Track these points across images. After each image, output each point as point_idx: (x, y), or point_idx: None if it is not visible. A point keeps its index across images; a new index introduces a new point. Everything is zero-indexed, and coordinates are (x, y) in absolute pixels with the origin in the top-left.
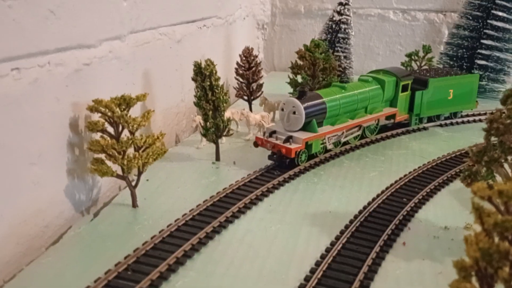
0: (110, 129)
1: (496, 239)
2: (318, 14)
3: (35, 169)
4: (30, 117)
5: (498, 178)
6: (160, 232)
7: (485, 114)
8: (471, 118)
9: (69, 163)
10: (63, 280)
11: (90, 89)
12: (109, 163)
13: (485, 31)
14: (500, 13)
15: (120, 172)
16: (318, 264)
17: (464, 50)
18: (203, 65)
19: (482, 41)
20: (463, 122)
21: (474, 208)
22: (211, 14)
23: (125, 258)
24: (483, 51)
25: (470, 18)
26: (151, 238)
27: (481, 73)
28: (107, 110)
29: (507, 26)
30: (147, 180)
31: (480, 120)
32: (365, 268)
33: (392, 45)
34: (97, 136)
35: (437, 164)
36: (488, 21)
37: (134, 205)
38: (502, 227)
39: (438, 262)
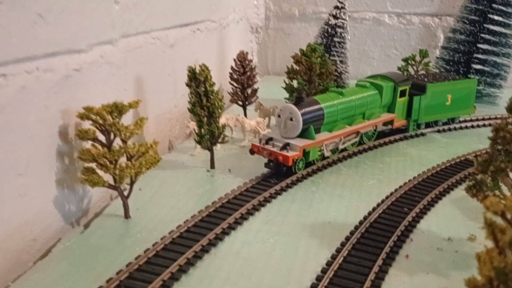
0: (102, 137)
1: (510, 257)
2: (312, 18)
3: (22, 179)
4: (17, 125)
5: (503, 188)
6: (153, 245)
7: (482, 119)
8: (469, 124)
9: (59, 173)
10: None
11: (81, 95)
12: (100, 172)
13: (481, 35)
14: (497, 17)
15: (111, 181)
16: (319, 279)
17: (460, 54)
18: (197, 70)
19: (479, 45)
20: (461, 128)
21: (486, 224)
22: (204, 17)
23: (117, 273)
24: (480, 56)
25: (467, 22)
26: (145, 251)
27: (478, 77)
28: (98, 118)
29: (503, 30)
30: (140, 189)
31: (478, 126)
32: (368, 283)
33: (387, 49)
34: (88, 144)
35: (437, 172)
36: (485, 25)
37: (127, 216)
38: None
39: (443, 276)
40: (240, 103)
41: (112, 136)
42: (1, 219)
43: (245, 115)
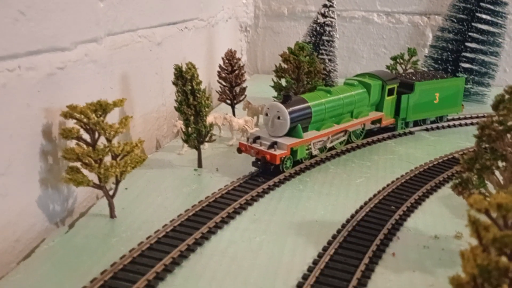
0: (86, 136)
1: (493, 254)
2: (301, 16)
3: (3, 180)
4: None
5: (489, 186)
6: (139, 244)
7: (470, 117)
8: (457, 122)
9: (42, 173)
10: None
11: (64, 94)
12: (85, 171)
13: (469, 34)
14: (485, 16)
15: (96, 181)
16: (305, 277)
17: (448, 53)
18: (184, 69)
19: (467, 44)
20: (449, 126)
21: (470, 221)
22: (192, 16)
23: (102, 273)
24: (468, 54)
25: (455, 20)
26: (129, 251)
27: (466, 76)
28: (82, 116)
29: (491, 29)
30: (126, 188)
31: (466, 124)
32: (354, 282)
33: (376, 48)
34: (72, 143)
35: (424, 170)
36: (473, 24)
37: (112, 215)
38: (501, 242)
39: (429, 274)
40: (229, 101)
41: (96, 135)
42: None
43: (234, 113)
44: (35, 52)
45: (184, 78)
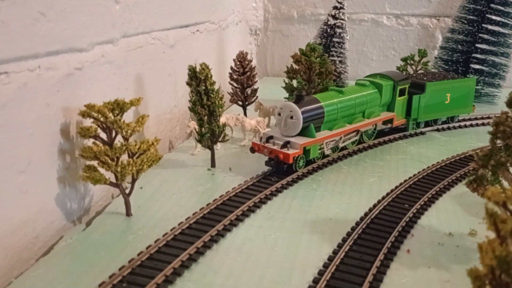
0: (103, 135)
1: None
2: (311, 20)
3: (24, 177)
4: (19, 123)
5: (504, 182)
6: (155, 241)
7: (481, 118)
8: (468, 123)
9: (60, 171)
10: None
11: (82, 94)
12: (101, 170)
13: (480, 35)
14: (495, 17)
15: (113, 179)
16: (321, 273)
17: (459, 54)
18: (198, 69)
19: (477, 45)
20: (460, 127)
21: (487, 214)
22: (204, 19)
23: (120, 269)
24: (478, 56)
25: (465, 22)
26: (147, 248)
27: (476, 77)
28: (99, 115)
29: (502, 30)
30: (141, 187)
31: (477, 125)
32: (370, 277)
33: (385, 50)
34: (89, 142)
35: (437, 169)
36: (483, 25)
37: (128, 213)
38: None
39: (444, 270)
40: (240, 103)
41: (113, 133)
42: (3, 216)
43: (245, 115)
44: (54, 53)
45: (198, 78)
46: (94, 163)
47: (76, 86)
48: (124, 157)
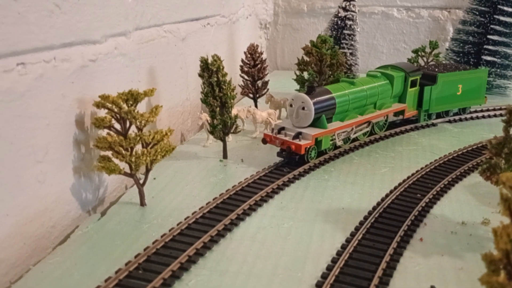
0: (117, 126)
1: None
2: (321, 13)
3: (41, 167)
4: (36, 113)
5: None
6: (170, 230)
7: (493, 110)
8: (479, 114)
9: (75, 161)
10: (72, 279)
11: (96, 86)
12: (116, 160)
13: (491, 26)
14: (507, 8)
15: (127, 170)
16: (334, 261)
17: (470, 45)
18: (209, 61)
19: (489, 36)
20: (472, 118)
21: (502, 199)
22: (214, 12)
23: (136, 256)
24: (490, 47)
25: (477, 13)
26: (161, 236)
27: (488, 68)
28: (114, 106)
29: None
30: (154, 178)
31: (489, 116)
32: (383, 265)
33: (396, 43)
34: (103, 132)
35: (449, 160)
36: (495, 16)
37: (142, 203)
38: None
39: (458, 258)
40: (251, 95)
41: (128, 124)
42: (21, 205)
43: (256, 107)
44: (69, 44)
45: (210, 70)
46: (109, 153)
47: (91, 78)
48: (138, 147)
